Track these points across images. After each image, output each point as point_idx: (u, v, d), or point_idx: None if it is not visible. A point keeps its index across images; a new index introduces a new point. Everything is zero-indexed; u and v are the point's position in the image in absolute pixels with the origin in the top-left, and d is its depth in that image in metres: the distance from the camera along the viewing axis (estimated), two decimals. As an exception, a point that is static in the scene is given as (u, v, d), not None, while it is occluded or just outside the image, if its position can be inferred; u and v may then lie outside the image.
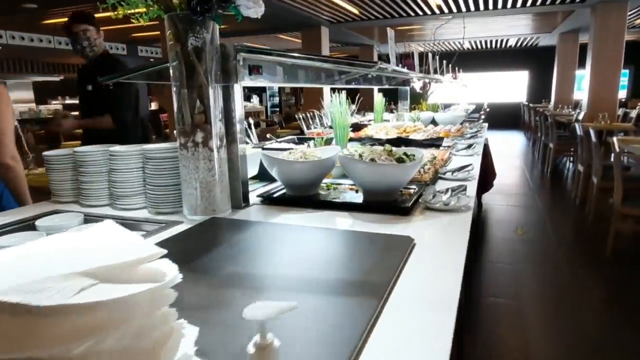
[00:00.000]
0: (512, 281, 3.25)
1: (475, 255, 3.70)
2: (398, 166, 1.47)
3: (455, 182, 1.86)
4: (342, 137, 2.63)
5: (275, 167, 1.60)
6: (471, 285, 3.16)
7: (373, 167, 1.45)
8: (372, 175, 1.47)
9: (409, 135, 2.88)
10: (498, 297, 3.00)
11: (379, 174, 1.46)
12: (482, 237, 4.17)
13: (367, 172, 1.47)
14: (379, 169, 1.45)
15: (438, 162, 2.09)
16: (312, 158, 1.62)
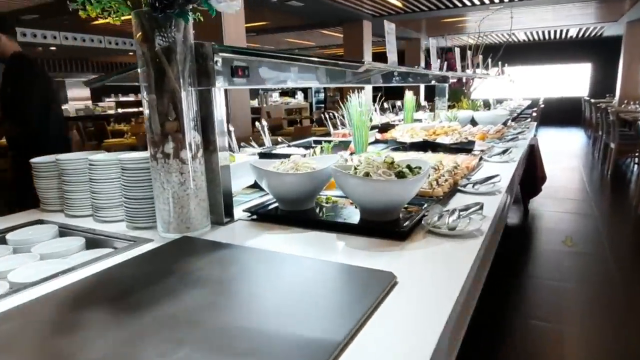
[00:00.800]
0: (557, 302, 2.91)
1: (517, 269, 3.37)
2: (396, 182, 1.26)
3: (477, 197, 1.62)
4: (361, 142, 2.43)
5: (264, 179, 1.44)
6: (508, 304, 2.87)
7: (367, 183, 1.25)
8: (366, 192, 1.28)
9: (437, 137, 2.63)
10: (539, 320, 2.69)
11: (374, 190, 1.26)
12: (525, 247, 3.81)
13: (361, 188, 1.28)
14: (374, 185, 1.25)
15: (460, 172, 1.85)
16: (305, 169, 1.44)
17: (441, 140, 2.52)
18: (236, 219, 1.45)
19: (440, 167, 1.88)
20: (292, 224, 1.37)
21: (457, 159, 2.15)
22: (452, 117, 3.61)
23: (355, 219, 1.36)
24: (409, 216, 1.36)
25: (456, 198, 1.62)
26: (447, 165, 1.89)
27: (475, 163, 2.12)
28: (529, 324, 2.64)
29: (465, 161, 2.09)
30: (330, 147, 1.94)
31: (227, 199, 1.41)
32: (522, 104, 8.28)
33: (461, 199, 1.60)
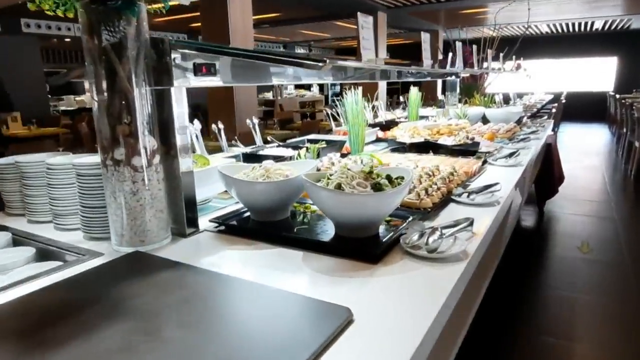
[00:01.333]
0: (570, 315, 2.72)
1: (527, 277, 3.19)
2: (372, 196, 1.12)
3: (471, 209, 1.46)
4: (357, 141, 2.28)
5: (232, 187, 1.31)
6: (516, 317, 2.70)
7: (339, 197, 1.12)
8: (338, 206, 1.14)
9: (440, 138, 2.46)
10: (550, 336, 2.51)
11: (346, 205, 1.12)
12: (538, 253, 3.62)
13: (332, 202, 1.14)
14: (347, 199, 1.11)
15: (457, 179, 1.69)
16: (276, 177, 1.31)
17: (443, 141, 2.35)
18: (202, 230, 1.33)
19: (436, 172, 1.72)
20: (260, 238, 1.24)
21: (457, 163, 1.99)
22: (462, 114, 3.43)
23: (329, 234, 1.23)
24: (388, 232, 1.22)
25: (447, 210, 1.47)
26: (443, 171, 1.74)
27: (477, 167, 1.96)
28: (539, 341, 2.46)
29: (466, 165, 1.93)
30: (316, 150, 1.80)
31: (190, 209, 1.29)
32: (543, 98, 7.96)
33: (453, 212, 1.45)
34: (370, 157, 1.96)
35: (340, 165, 1.59)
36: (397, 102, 9.61)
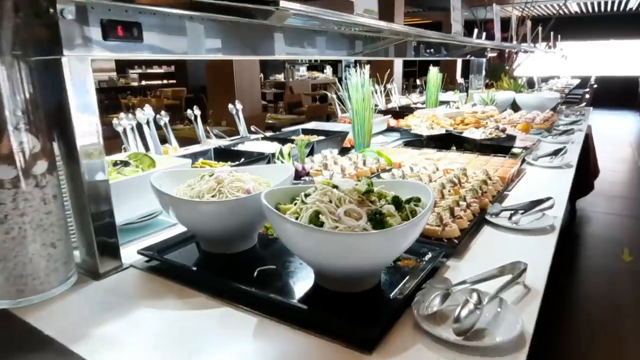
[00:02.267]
0: (607, 341, 2.28)
1: (557, 292, 2.74)
2: (367, 236, 0.69)
3: (515, 237, 1.03)
4: (362, 133, 1.84)
5: (169, 207, 0.90)
6: (543, 343, 2.26)
7: (313, 236, 0.69)
8: (314, 249, 0.72)
9: (465, 129, 2.00)
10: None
11: (326, 248, 0.70)
12: (570, 261, 3.16)
13: (306, 243, 0.72)
14: (326, 239, 0.69)
15: (491, 189, 1.25)
16: (231, 194, 0.89)
17: (470, 134, 1.90)
18: (127, 266, 0.93)
19: (463, 179, 1.29)
20: (200, 287, 0.83)
21: (490, 164, 1.54)
22: (489, 100, 2.95)
23: (306, 283, 0.81)
24: (394, 284, 0.80)
25: (482, 240, 1.03)
26: (473, 178, 1.30)
27: (515, 171, 1.51)
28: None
29: (501, 168, 1.49)
30: (303, 145, 1.37)
31: (104, 235, 0.88)
32: (570, 83, 7.36)
33: (490, 243, 1.02)
34: (376, 154, 1.53)
35: (323, 178, 1.17)
36: (414, 85, 9.05)
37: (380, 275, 0.81)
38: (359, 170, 1.31)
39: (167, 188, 0.96)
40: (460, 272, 0.88)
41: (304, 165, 1.34)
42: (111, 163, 1.11)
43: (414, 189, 0.85)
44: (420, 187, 0.85)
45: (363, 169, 1.33)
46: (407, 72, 13.14)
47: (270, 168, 1.06)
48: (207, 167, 1.41)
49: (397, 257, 0.87)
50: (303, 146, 1.35)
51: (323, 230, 0.69)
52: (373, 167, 1.37)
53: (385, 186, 0.85)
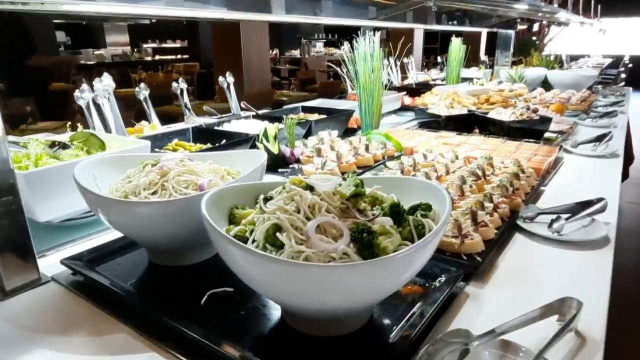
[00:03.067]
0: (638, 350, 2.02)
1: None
2: (349, 268, 0.46)
3: (558, 250, 0.79)
4: (370, 111, 1.59)
5: (97, 207, 0.68)
6: None
7: (267, 266, 0.46)
8: (272, 281, 0.49)
9: (491, 110, 1.73)
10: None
11: (286, 281, 0.47)
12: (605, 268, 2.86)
13: (260, 274, 0.48)
14: (284, 271, 0.45)
15: (524, 186, 1.00)
16: (177, 190, 0.67)
17: (496, 115, 1.63)
18: (49, 279, 0.72)
19: (488, 171, 1.04)
20: (127, 318, 0.61)
21: (520, 151, 1.28)
22: (517, 77, 2.64)
23: (269, 319, 0.59)
24: (391, 321, 0.57)
25: (511, 253, 0.79)
26: (501, 170, 1.05)
27: (550, 162, 1.25)
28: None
29: (535, 157, 1.23)
30: (292, 125, 1.13)
31: (10, 241, 0.67)
32: (601, 62, 6.87)
33: (522, 258, 0.78)
34: (384, 138, 1.28)
35: (313, 167, 0.94)
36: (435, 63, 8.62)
37: (370, 312, 0.58)
38: (359, 157, 1.07)
39: (106, 179, 0.75)
40: (484, 304, 0.64)
41: (292, 149, 1.10)
42: (47, 144, 0.89)
43: (423, 190, 0.61)
44: (431, 189, 0.61)
45: (365, 155, 1.09)
46: (428, 50, 12.59)
47: (242, 155, 0.83)
48: (180, 150, 1.19)
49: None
50: (292, 126, 1.11)
51: (277, 259, 0.45)
52: (378, 154, 1.13)
53: (383, 186, 0.61)
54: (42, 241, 0.85)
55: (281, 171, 1.05)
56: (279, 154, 1.06)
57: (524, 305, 0.63)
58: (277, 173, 1.05)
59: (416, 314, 0.59)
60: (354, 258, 0.48)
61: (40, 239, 0.86)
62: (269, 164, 1.09)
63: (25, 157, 0.85)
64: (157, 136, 1.23)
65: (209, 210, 0.56)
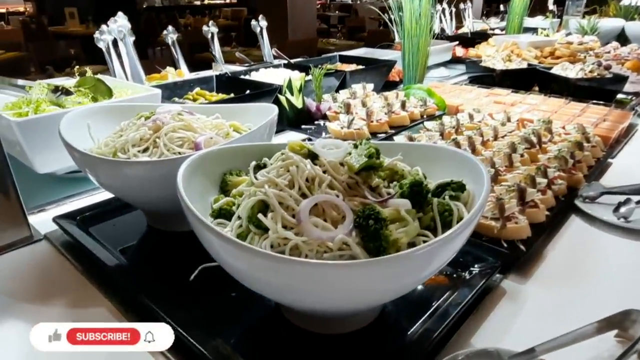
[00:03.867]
0: None
1: None
2: (350, 267, 0.36)
3: (629, 240, 0.65)
4: (414, 62, 1.43)
5: (85, 166, 0.61)
6: None
7: (245, 258, 0.37)
8: (254, 274, 0.39)
9: (555, 65, 1.51)
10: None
11: (269, 276, 0.38)
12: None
13: (238, 264, 0.39)
14: (265, 265, 0.36)
15: (588, 157, 0.84)
16: (166, 150, 0.58)
17: (561, 71, 1.41)
18: (41, 237, 0.67)
19: (545, 137, 0.89)
20: (109, 289, 0.55)
21: (586, 115, 1.10)
22: (589, 29, 2.33)
23: (264, 306, 0.51)
24: (406, 319, 0.47)
25: (564, 240, 0.66)
26: (561, 137, 0.89)
27: (624, 128, 1.06)
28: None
29: (604, 123, 1.05)
30: (319, 76, 1.00)
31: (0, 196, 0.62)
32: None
33: (578, 247, 0.65)
34: (425, 93, 1.13)
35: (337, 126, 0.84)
36: (496, 12, 7.93)
37: (381, 307, 0.49)
38: (393, 115, 0.94)
39: (103, 130, 0.67)
40: (525, 305, 0.53)
41: (319, 104, 0.98)
42: (50, 89, 0.83)
43: (457, 163, 0.49)
44: (466, 162, 0.48)
45: (400, 114, 0.95)
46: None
47: (253, 108, 0.72)
48: (201, 100, 1.10)
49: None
50: (320, 78, 0.99)
51: (255, 250, 0.36)
52: (415, 112, 0.99)
53: (407, 156, 0.49)
54: (45, 194, 0.80)
55: (304, 128, 0.95)
56: (303, 108, 0.95)
57: (575, 309, 0.51)
58: (300, 130, 0.94)
59: (437, 312, 0.49)
60: (355, 251, 0.38)
61: (43, 191, 0.82)
62: (291, 119, 0.99)
63: (26, 103, 0.79)
64: (178, 84, 1.15)
65: (192, 175, 0.48)
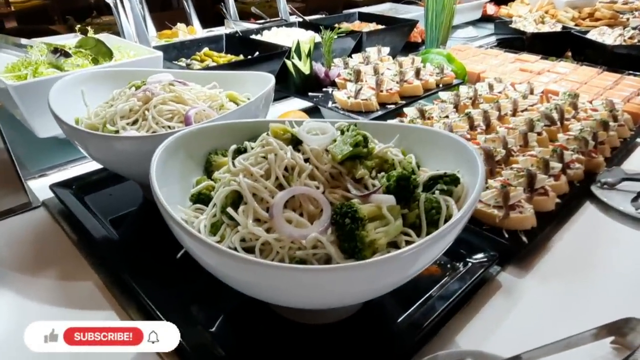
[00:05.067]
0: None
1: None
2: (328, 272, 0.34)
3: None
4: (438, 23, 1.35)
5: (73, 137, 0.60)
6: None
7: (212, 256, 0.35)
8: (224, 272, 0.38)
9: (593, 28, 1.39)
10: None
11: (240, 275, 0.36)
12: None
13: (208, 260, 0.37)
14: (232, 265, 0.34)
15: (614, 137, 0.78)
16: (154, 124, 0.56)
17: (597, 36, 1.30)
18: (39, 204, 0.68)
19: (568, 113, 0.82)
20: (98, 262, 0.55)
21: (619, 89, 1.01)
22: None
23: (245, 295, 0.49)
24: (393, 309, 0.46)
25: (575, 230, 0.62)
26: (587, 113, 0.82)
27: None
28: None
29: (637, 98, 0.96)
30: (330, 40, 0.94)
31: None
32: None
33: (589, 239, 0.61)
34: (444, 59, 1.06)
35: (344, 95, 0.80)
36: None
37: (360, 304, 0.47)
38: (404, 85, 0.88)
39: (101, 97, 0.66)
40: (520, 300, 0.50)
41: (327, 69, 0.93)
42: (49, 50, 0.81)
43: (453, 150, 0.45)
44: (462, 150, 0.44)
45: (413, 83, 0.90)
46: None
47: (251, 77, 0.69)
48: (209, 61, 1.06)
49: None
50: (330, 41, 0.92)
51: (221, 250, 0.34)
52: (430, 81, 0.93)
53: (403, 139, 0.46)
54: (48, 158, 0.80)
55: (312, 95, 0.90)
56: (310, 74, 0.90)
57: (574, 311, 0.49)
58: (307, 98, 0.90)
59: (425, 305, 0.47)
60: (329, 250, 0.36)
61: (45, 155, 0.82)
62: (298, 86, 0.94)
63: (25, 65, 0.77)
64: (185, 43, 1.11)
65: (172, 156, 0.46)
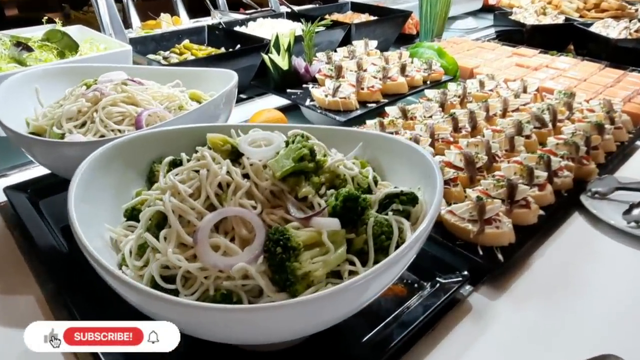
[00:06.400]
0: None
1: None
2: (222, 313, 0.30)
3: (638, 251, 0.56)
4: (432, 16, 1.30)
5: (19, 145, 0.55)
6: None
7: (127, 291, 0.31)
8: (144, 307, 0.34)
9: (597, 20, 1.32)
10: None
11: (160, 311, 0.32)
12: None
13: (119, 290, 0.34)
14: (146, 302, 0.30)
15: (609, 141, 0.73)
16: (102, 127, 0.52)
17: (602, 29, 1.23)
18: None
19: (562, 114, 0.77)
20: (43, 274, 0.52)
21: (621, 87, 0.95)
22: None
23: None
24: (350, 330, 0.42)
25: (559, 244, 0.57)
26: (582, 114, 0.77)
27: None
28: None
29: (639, 97, 0.91)
30: (311, 33, 0.89)
31: None
32: None
33: (577, 255, 0.56)
34: (435, 53, 1.01)
35: (321, 94, 0.76)
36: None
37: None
38: (387, 82, 0.83)
39: (58, 95, 0.62)
40: (490, 327, 0.46)
41: (308, 64, 0.88)
42: (12, 43, 0.76)
43: (413, 162, 0.41)
44: (421, 161, 0.39)
45: (397, 80, 0.85)
46: None
47: (215, 74, 0.64)
48: (188, 54, 1.01)
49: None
50: (311, 34, 0.87)
51: (131, 284, 0.30)
52: (417, 77, 0.88)
53: (365, 147, 0.41)
54: (10, 158, 0.77)
55: (290, 92, 0.85)
56: (289, 69, 0.85)
57: (550, 339, 0.44)
58: (284, 95, 0.85)
59: (386, 330, 0.43)
60: (258, 283, 0.31)
61: (6, 154, 0.78)
62: (277, 82, 0.89)
63: (-15, 59, 0.74)
64: (165, 35, 1.06)
65: (106, 167, 0.42)
